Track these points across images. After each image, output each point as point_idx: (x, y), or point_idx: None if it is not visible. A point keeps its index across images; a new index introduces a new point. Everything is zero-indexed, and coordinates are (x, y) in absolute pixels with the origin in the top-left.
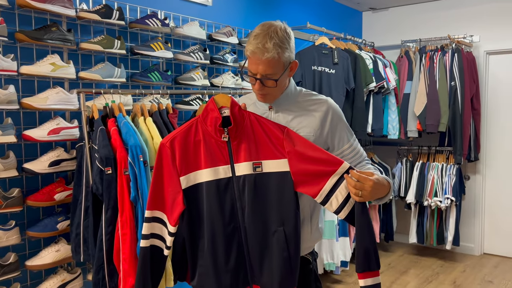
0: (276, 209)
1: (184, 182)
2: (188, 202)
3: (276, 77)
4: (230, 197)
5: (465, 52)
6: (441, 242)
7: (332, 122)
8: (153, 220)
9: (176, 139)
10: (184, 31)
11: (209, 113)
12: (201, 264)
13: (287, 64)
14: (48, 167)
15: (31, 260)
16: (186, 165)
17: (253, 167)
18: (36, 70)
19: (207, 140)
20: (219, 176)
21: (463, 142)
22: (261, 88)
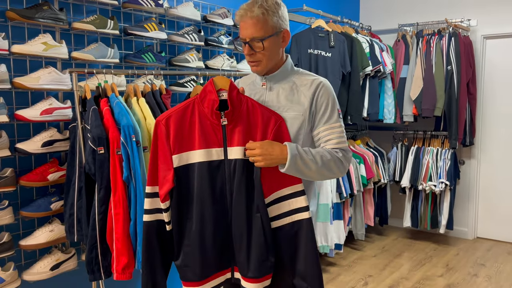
0: (256, 195)
1: (176, 161)
2: (178, 181)
3: (262, 37)
4: (221, 180)
5: (462, 36)
6: (435, 226)
7: (319, 101)
8: (155, 195)
9: (172, 117)
10: (178, 12)
11: (207, 94)
12: (187, 244)
13: (275, 29)
14: (41, 147)
15: (25, 239)
16: (180, 144)
17: (243, 153)
18: (27, 49)
19: (202, 121)
20: (212, 158)
21: (458, 127)
22: (250, 52)
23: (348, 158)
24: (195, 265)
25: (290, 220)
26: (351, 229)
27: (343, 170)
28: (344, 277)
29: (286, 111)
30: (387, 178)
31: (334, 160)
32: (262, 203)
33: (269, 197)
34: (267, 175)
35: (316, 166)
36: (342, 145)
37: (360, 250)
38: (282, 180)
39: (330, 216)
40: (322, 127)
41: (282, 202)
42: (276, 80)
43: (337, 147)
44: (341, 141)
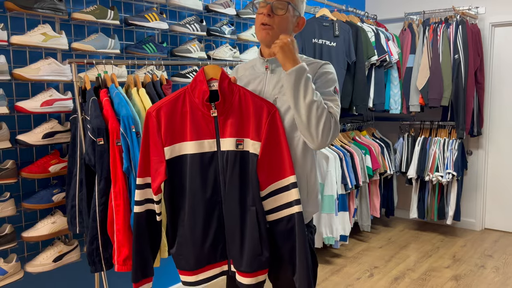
0: (251, 188)
1: (168, 153)
2: (171, 173)
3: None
4: (214, 171)
5: (470, 24)
6: (442, 217)
7: (319, 76)
8: (146, 187)
9: (163, 108)
10: (179, 2)
11: (197, 84)
12: (180, 234)
13: (296, 11)
14: (42, 139)
15: (28, 231)
16: (171, 136)
17: (235, 144)
18: (27, 40)
19: (194, 112)
20: (204, 150)
21: (465, 117)
22: (270, 12)
23: (336, 129)
24: (188, 255)
25: (286, 213)
26: (356, 220)
27: (328, 134)
28: (349, 268)
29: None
30: (393, 169)
31: (327, 117)
32: (257, 196)
33: (265, 190)
34: (264, 167)
35: (312, 97)
36: (335, 114)
37: (366, 241)
38: (278, 171)
39: (335, 207)
40: None
41: (278, 194)
42: (278, 63)
43: (331, 112)
44: (335, 111)
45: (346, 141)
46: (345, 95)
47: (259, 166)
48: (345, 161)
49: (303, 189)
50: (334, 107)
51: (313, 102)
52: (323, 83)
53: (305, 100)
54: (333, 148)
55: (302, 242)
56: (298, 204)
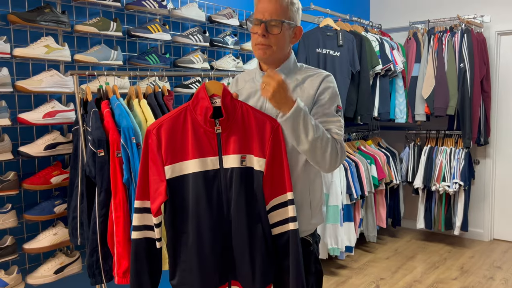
0: (256, 205)
1: (169, 172)
2: (172, 193)
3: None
4: (217, 189)
5: (475, 33)
6: (449, 227)
7: (322, 93)
8: (144, 211)
9: (163, 126)
10: (182, 13)
11: (199, 101)
12: (184, 260)
13: (292, 24)
14: (44, 150)
15: (29, 243)
16: (172, 154)
17: (240, 160)
18: (29, 53)
19: (195, 129)
20: (207, 168)
21: (472, 126)
22: (264, 33)
23: (342, 154)
24: (193, 282)
25: (281, 230)
26: (362, 231)
27: (335, 162)
28: (355, 280)
29: None
30: (399, 178)
31: (332, 145)
32: (264, 212)
33: (268, 205)
34: (268, 183)
35: (313, 134)
36: (338, 138)
37: (372, 252)
38: (279, 187)
39: (340, 218)
40: (318, 119)
41: (277, 210)
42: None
43: (335, 138)
44: (338, 133)
45: (351, 150)
46: (349, 104)
47: (264, 182)
48: (350, 171)
49: (306, 200)
50: (338, 130)
51: (316, 139)
52: (326, 101)
53: (307, 138)
54: None
55: (295, 259)
56: (293, 221)
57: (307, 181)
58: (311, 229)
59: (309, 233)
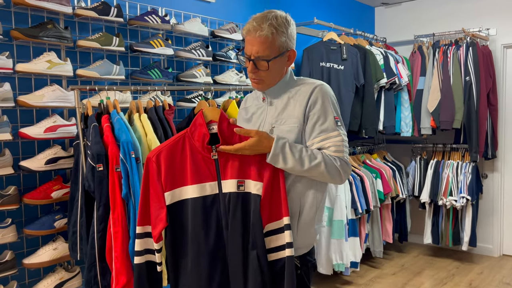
0: (252, 231)
1: (168, 198)
2: (172, 219)
3: (268, 58)
4: (216, 214)
5: (481, 46)
6: (457, 242)
7: (313, 107)
8: (146, 236)
9: (162, 153)
10: (185, 28)
11: (197, 128)
12: (184, 284)
13: (282, 49)
14: (45, 165)
15: (29, 258)
16: (172, 181)
17: (237, 185)
18: (31, 68)
19: (194, 155)
20: (206, 193)
21: (479, 139)
22: (254, 70)
23: (346, 170)
24: None
25: (277, 257)
26: (368, 246)
27: (338, 178)
28: None
29: (282, 124)
30: (406, 193)
31: (327, 166)
32: (260, 239)
33: (265, 228)
34: (265, 207)
35: (301, 168)
36: (339, 154)
37: (378, 268)
38: (276, 212)
39: (345, 233)
40: (317, 138)
41: (273, 235)
42: (275, 94)
43: (333, 155)
44: (338, 150)
45: (356, 164)
46: (354, 118)
47: (261, 207)
48: (354, 185)
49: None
50: (337, 146)
51: (309, 169)
52: (319, 116)
53: (303, 168)
54: None
55: (290, 286)
56: (290, 248)
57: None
58: (296, 248)
59: (296, 253)
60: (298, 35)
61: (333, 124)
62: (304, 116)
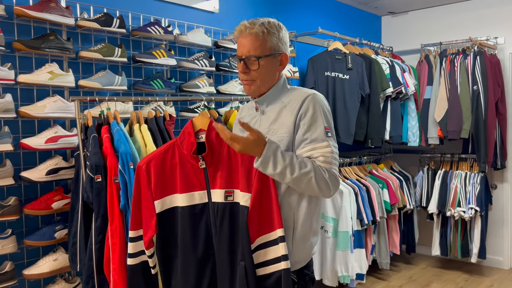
0: (240, 242)
1: (158, 206)
2: (162, 226)
3: (259, 56)
4: (205, 223)
5: (488, 55)
6: (465, 254)
7: (303, 116)
8: (139, 239)
9: (152, 161)
10: (188, 38)
11: (186, 137)
12: (175, 285)
13: (273, 50)
14: (46, 176)
15: (29, 269)
16: (162, 189)
17: (225, 196)
18: (33, 79)
19: (183, 164)
20: (195, 202)
21: (487, 149)
22: (244, 70)
23: (334, 183)
24: None
25: (273, 269)
26: (375, 257)
27: (327, 191)
28: None
29: (274, 134)
30: (413, 203)
31: (316, 176)
32: (247, 250)
33: (255, 242)
34: (254, 219)
35: (291, 175)
36: (327, 166)
37: (385, 280)
38: (267, 224)
39: (351, 244)
40: (306, 148)
41: (266, 248)
42: (267, 102)
43: (321, 166)
44: (326, 161)
45: (362, 174)
46: (359, 127)
47: (249, 218)
48: (360, 196)
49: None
50: (325, 157)
51: (299, 176)
52: (309, 126)
53: (292, 175)
54: (347, 182)
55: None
56: (285, 260)
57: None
58: (293, 263)
59: (292, 268)
60: (303, 44)
61: (323, 134)
62: (294, 125)
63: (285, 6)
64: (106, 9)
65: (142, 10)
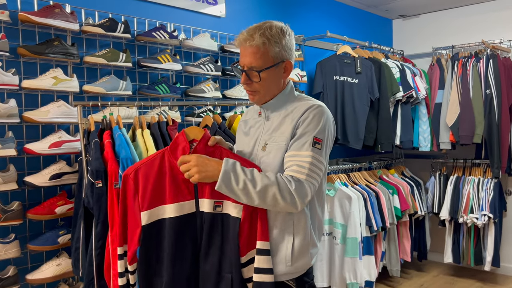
0: (228, 253)
1: (145, 218)
2: (148, 239)
3: (260, 69)
4: (192, 233)
5: (502, 58)
6: (479, 262)
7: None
8: (126, 255)
9: (141, 170)
10: (193, 43)
11: (178, 145)
12: None
13: (276, 60)
14: (49, 180)
15: (32, 274)
16: (150, 200)
17: (213, 206)
18: (37, 84)
19: (173, 173)
20: (184, 212)
21: (501, 154)
22: (247, 81)
23: (301, 192)
24: None
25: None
26: (385, 264)
27: (292, 204)
28: None
29: (274, 142)
30: (425, 209)
31: (280, 188)
32: (236, 262)
33: (246, 256)
34: (245, 231)
35: (254, 189)
36: (299, 175)
37: (395, 287)
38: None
39: (359, 251)
40: (289, 153)
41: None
42: (272, 108)
43: (293, 175)
44: (299, 170)
45: (372, 180)
46: (369, 132)
47: (240, 230)
48: (369, 202)
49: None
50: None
51: (262, 190)
52: (301, 134)
53: (255, 189)
54: (356, 187)
55: None
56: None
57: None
58: (292, 272)
59: (292, 276)
60: (312, 48)
61: (308, 144)
62: (292, 132)
63: (293, 10)
64: (111, 14)
65: (148, 15)
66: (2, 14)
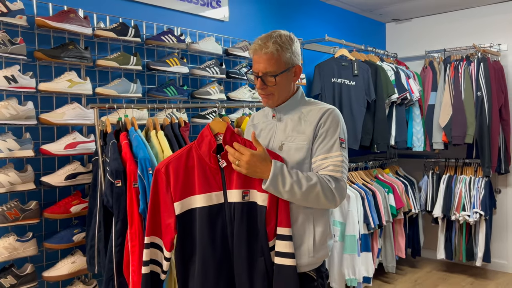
0: (259, 239)
1: (178, 208)
2: (182, 228)
3: (275, 73)
4: (222, 223)
5: (492, 61)
6: (470, 258)
7: (322, 128)
8: (152, 246)
9: (171, 164)
10: (200, 47)
11: (204, 139)
12: (192, 287)
13: (288, 65)
14: (65, 180)
15: (48, 271)
16: (181, 191)
17: (242, 195)
18: (53, 87)
19: (201, 166)
20: (212, 202)
21: (491, 154)
22: (262, 86)
23: (340, 189)
24: None
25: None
26: (381, 261)
27: (333, 201)
28: None
29: (292, 141)
30: (418, 207)
31: (322, 187)
32: (266, 246)
33: (272, 241)
34: (272, 217)
35: (299, 190)
36: (336, 174)
37: (391, 283)
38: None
39: (358, 247)
40: (320, 156)
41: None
42: (285, 111)
43: (330, 175)
44: (336, 169)
45: (368, 179)
46: (365, 133)
47: (267, 217)
48: (367, 200)
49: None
50: (335, 166)
51: (303, 191)
52: (326, 135)
53: (301, 189)
54: (354, 186)
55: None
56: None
57: (310, 211)
58: (314, 262)
59: (313, 267)
60: (310, 51)
61: (337, 144)
62: (314, 134)
63: (292, 14)
64: (122, 19)
65: (156, 19)
66: (21, 19)
